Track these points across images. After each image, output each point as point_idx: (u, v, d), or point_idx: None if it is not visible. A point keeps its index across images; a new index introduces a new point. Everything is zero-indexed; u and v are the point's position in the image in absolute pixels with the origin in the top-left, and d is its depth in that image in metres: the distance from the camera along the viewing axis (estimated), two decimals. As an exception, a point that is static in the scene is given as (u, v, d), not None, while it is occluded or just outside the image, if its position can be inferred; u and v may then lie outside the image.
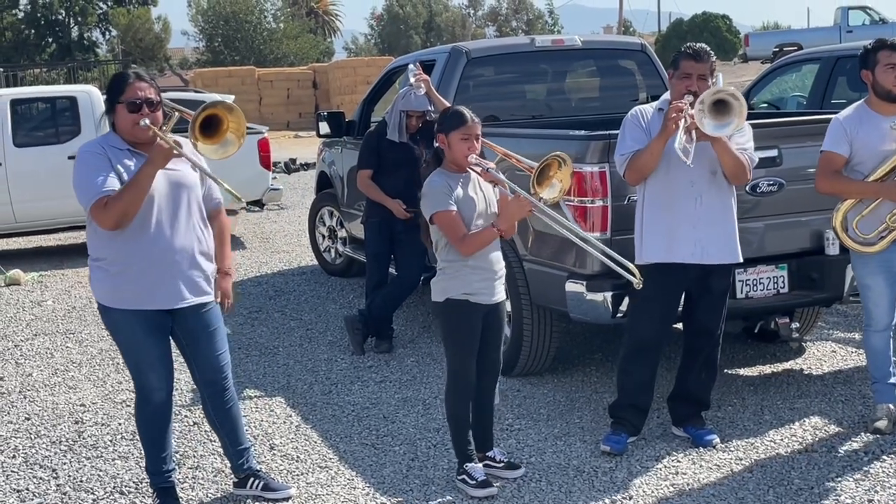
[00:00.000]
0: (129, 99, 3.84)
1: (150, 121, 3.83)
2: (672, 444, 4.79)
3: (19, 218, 10.42)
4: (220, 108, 3.76)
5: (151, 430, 4.16)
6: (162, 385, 4.07)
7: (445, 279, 4.27)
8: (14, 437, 5.28)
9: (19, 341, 7.35)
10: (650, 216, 4.62)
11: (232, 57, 46.32)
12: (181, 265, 3.96)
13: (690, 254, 4.58)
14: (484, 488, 4.29)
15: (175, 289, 3.96)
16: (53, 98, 10.95)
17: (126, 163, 3.87)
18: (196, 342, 4.10)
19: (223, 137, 3.76)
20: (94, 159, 3.82)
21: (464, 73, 6.90)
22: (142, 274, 3.90)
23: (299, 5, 56.71)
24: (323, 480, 4.58)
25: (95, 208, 3.77)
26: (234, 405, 4.29)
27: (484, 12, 60.06)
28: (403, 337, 6.94)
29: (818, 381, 5.62)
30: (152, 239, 3.89)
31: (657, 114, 4.64)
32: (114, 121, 3.93)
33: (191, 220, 4.00)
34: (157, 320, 3.99)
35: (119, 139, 3.91)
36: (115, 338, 4.08)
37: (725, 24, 45.43)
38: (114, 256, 3.90)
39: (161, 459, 4.20)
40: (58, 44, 50.61)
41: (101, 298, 3.99)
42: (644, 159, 4.50)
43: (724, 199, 4.64)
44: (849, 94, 8.08)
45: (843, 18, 27.43)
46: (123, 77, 3.93)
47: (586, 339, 6.61)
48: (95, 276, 3.99)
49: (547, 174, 4.08)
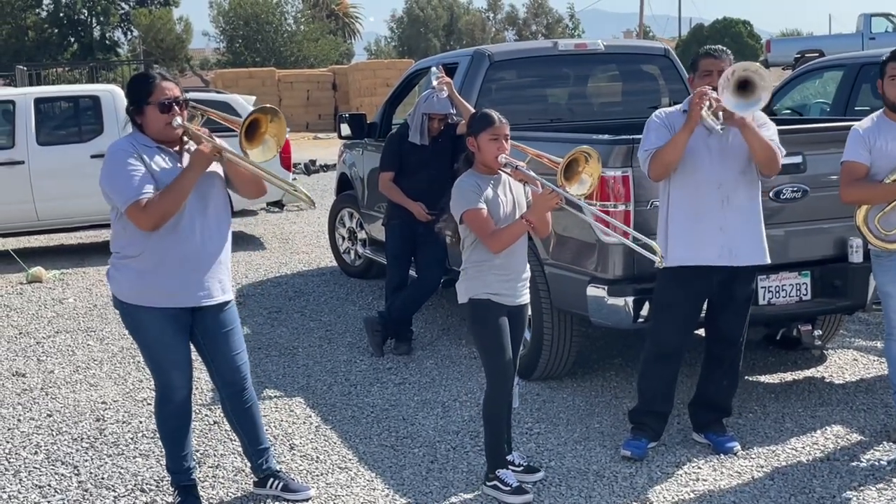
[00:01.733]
0: (160, 100, 3.86)
1: (180, 119, 3.86)
2: (692, 450, 4.77)
3: (41, 216, 10.49)
4: (261, 112, 3.78)
5: (172, 428, 4.18)
6: (183, 384, 4.09)
7: (468, 280, 4.28)
8: (36, 434, 5.32)
9: (41, 338, 7.39)
10: (676, 219, 4.59)
11: (252, 58, 46.53)
12: (209, 263, 3.99)
13: (718, 256, 4.57)
14: (520, 495, 4.26)
15: (202, 287, 3.98)
16: (77, 97, 11.04)
17: (157, 160, 3.89)
18: (215, 341, 4.12)
19: (262, 140, 3.78)
20: (128, 158, 3.84)
21: (486, 76, 6.90)
22: (172, 272, 3.92)
23: (320, 7, 56.87)
24: (342, 481, 4.58)
25: (133, 209, 3.78)
26: (254, 405, 4.30)
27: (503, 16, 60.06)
28: (423, 339, 6.95)
29: (840, 390, 5.59)
30: (183, 237, 3.92)
31: (681, 115, 4.64)
32: (140, 122, 3.94)
33: (217, 217, 4.04)
34: (181, 319, 4.01)
35: (147, 138, 3.93)
36: (136, 336, 4.09)
37: (746, 29, 45.31)
38: (145, 254, 3.91)
39: (182, 458, 4.22)
40: (80, 43, 50.93)
41: (124, 296, 3.99)
42: (668, 151, 4.48)
43: (752, 201, 4.63)
44: (872, 101, 8.03)
45: (865, 25, 27.25)
46: (149, 78, 3.95)
47: (606, 344, 6.60)
48: (121, 273, 3.99)
49: (575, 170, 4.07)
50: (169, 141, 3.93)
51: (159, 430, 4.26)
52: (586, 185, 4.13)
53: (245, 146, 3.73)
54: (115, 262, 4.03)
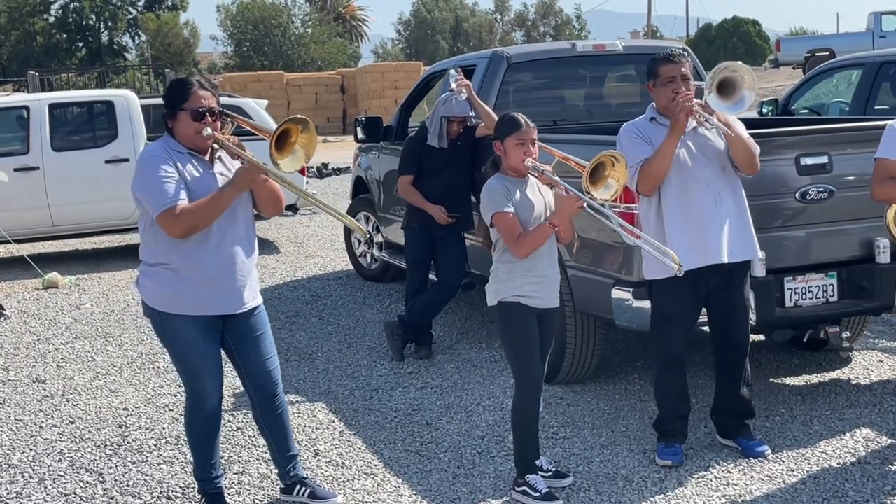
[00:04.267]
0: (193, 107, 3.85)
1: (211, 129, 3.84)
2: (721, 454, 4.73)
3: (56, 221, 10.48)
4: (292, 122, 3.75)
5: (202, 436, 4.16)
6: (214, 391, 4.07)
7: (497, 282, 4.25)
8: (59, 441, 5.30)
9: (59, 344, 7.38)
10: (674, 224, 4.53)
11: (260, 62, 46.60)
12: (240, 270, 3.98)
13: (720, 254, 4.53)
14: (550, 501, 4.22)
15: (235, 294, 3.98)
16: (91, 102, 11.02)
17: (189, 168, 3.88)
18: (245, 346, 4.10)
19: (292, 150, 3.75)
20: (162, 164, 3.82)
21: (504, 78, 6.87)
22: (206, 279, 3.90)
23: (327, 10, 56.92)
24: (369, 487, 4.55)
25: (166, 215, 3.76)
26: (284, 411, 4.28)
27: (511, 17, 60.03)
28: (442, 343, 6.92)
29: (867, 392, 5.54)
30: (215, 244, 3.90)
31: (650, 123, 4.63)
32: (171, 126, 3.93)
33: (246, 224, 4.02)
34: (212, 326, 3.99)
35: (178, 143, 3.92)
36: (168, 344, 4.06)
37: (755, 28, 45.25)
38: (175, 263, 3.90)
39: (210, 465, 4.20)
40: (88, 48, 51.10)
41: (157, 304, 3.97)
42: (657, 163, 4.45)
43: (739, 196, 4.62)
44: (892, 100, 7.99)
45: (875, 23, 27.13)
46: (186, 84, 3.94)
47: (627, 347, 6.55)
48: (151, 281, 3.97)
49: (602, 174, 4.04)
50: (199, 149, 3.92)
51: (189, 437, 4.24)
52: (612, 188, 4.09)
53: (275, 156, 3.70)
54: (145, 269, 4.00)
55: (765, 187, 4.88)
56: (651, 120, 4.63)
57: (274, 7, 50.03)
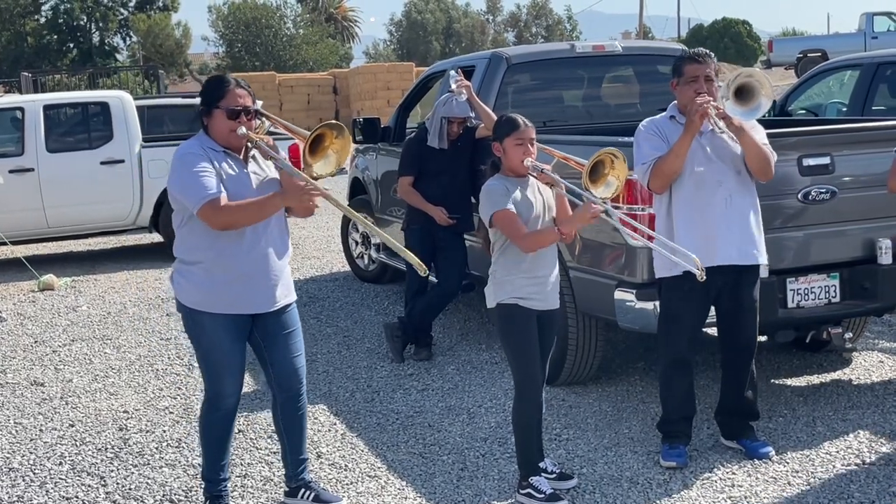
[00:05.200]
0: (229, 106, 3.85)
1: (245, 128, 3.84)
2: (725, 455, 4.72)
3: (52, 223, 10.43)
4: (327, 127, 3.73)
5: (215, 435, 4.14)
6: (234, 392, 4.06)
7: (495, 284, 4.24)
8: (59, 444, 5.26)
9: (57, 346, 7.34)
10: (684, 222, 4.54)
11: (252, 62, 46.50)
12: (273, 269, 3.97)
13: (728, 256, 4.53)
14: (554, 502, 4.22)
15: (268, 292, 3.97)
16: (86, 103, 10.97)
17: (224, 166, 3.87)
18: (274, 343, 4.08)
19: (324, 154, 3.74)
20: (200, 161, 3.82)
21: (504, 78, 6.86)
22: (238, 278, 3.89)
23: (319, 11, 56.84)
24: (373, 490, 4.53)
25: (208, 206, 3.75)
26: (305, 413, 4.27)
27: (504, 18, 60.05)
28: (442, 344, 6.90)
29: (868, 392, 5.54)
30: (248, 246, 3.90)
31: (670, 121, 4.64)
32: (206, 124, 3.93)
33: (279, 222, 4.01)
34: (242, 326, 3.99)
35: (213, 141, 3.92)
36: (195, 340, 4.05)
37: (746, 29, 45.32)
38: (209, 261, 3.89)
39: (220, 467, 4.18)
40: (79, 49, 50.87)
41: (189, 301, 3.96)
42: (670, 161, 4.47)
43: (752, 199, 4.62)
44: (890, 100, 8.00)
45: (867, 24, 27.18)
46: (223, 82, 3.93)
47: (628, 348, 6.55)
48: (185, 278, 3.96)
49: (601, 172, 4.02)
50: (233, 147, 3.92)
51: (202, 436, 4.21)
52: (612, 187, 4.08)
53: (309, 159, 3.69)
54: (179, 267, 4.00)
55: (767, 188, 4.87)
56: (671, 118, 4.63)
57: (265, 8, 49.92)
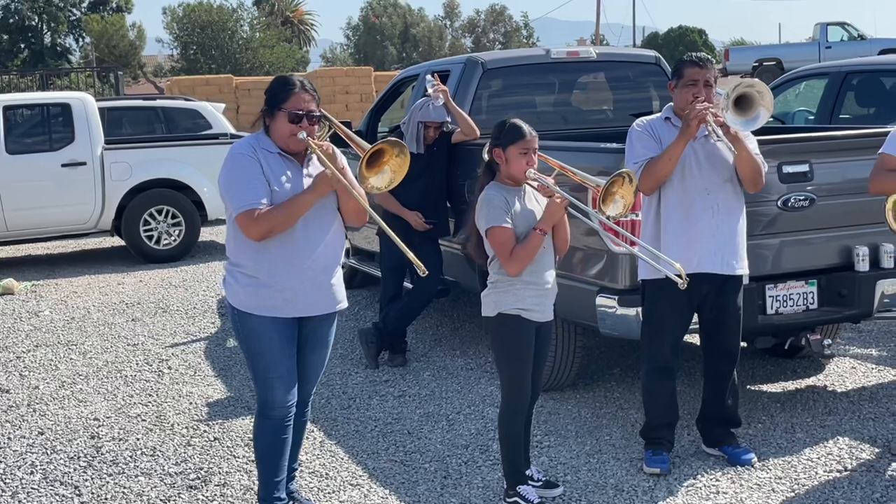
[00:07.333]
0: (292, 109, 3.75)
1: (307, 133, 3.74)
2: (707, 462, 4.72)
3: (11, 226, 10.22)
4: (389, 144, 3.67)
5: (268, 446, 3.97)
6: (286, 399, 3.91)
7: (497, 293, 4.17)
8: (29, 453, 5.12)
9: (20, 353, 7.17)
10: (669, 227, 4.56)
11: (207, 65, 46.04)
12: (323, 274, 3.86)
13: (711, 264, 4.54)
14: None
15: (316, 297, 3.87)
16: (47, 105, 10.76)
17: (276, 168, 3.77)
18: (310, 349, 3.99)
19: (381, 170, 3.66)
20: (248, 163, 3.73)
21: (479, 83, 6.84)
22: (286, 282, 3.78)
23: (275, 14, 56.48)
24: (356, 498, 4.47)
25: (244, 217, 3.68)
26: (305, 423, 4.19)
27: (462, 23, 60.11)
28: (416, 350, 6.85)
29: (844, 398, 5.58)
30: (298, 248, 3.79)
31: (665, 123, 4.63)
32: (268, 124, 3.83)
33: (332, 226, 3.89)
34: (290, 329, 3.88)
35: (271, 142, 3.82)
36: (244, 344, 3.94)
37: (701, 38, 45.85)
38: (259, 264, 3.79)
39: (275, 484, 3.99)
40: (30, 50, 50.05)
41: (238, 303, 3.86)
42: (662, 164, 4.47)
43: (739, 209, 4.63)
44: (857, 109, 8.10)
45: (822, 34, 27.62)
46: (288, 84, 3.82)
47: (603, 354, 6.54)
48: (235, 280, 3.86)
49: (611, 191, 4.00)
50: (290, 151, 3.82)
51: (255, 448, 4.04)
52: (619, 206, 4.06)
53: (364, 171, 3.61)
54: (230, 268, 3.90)
55: (747, 195, 4.89)
56: (666, 119, 4.63)
57: (221, 10, 49.46)
